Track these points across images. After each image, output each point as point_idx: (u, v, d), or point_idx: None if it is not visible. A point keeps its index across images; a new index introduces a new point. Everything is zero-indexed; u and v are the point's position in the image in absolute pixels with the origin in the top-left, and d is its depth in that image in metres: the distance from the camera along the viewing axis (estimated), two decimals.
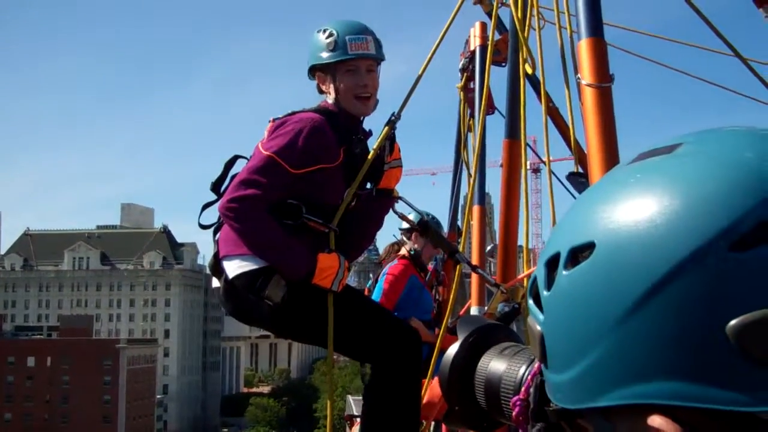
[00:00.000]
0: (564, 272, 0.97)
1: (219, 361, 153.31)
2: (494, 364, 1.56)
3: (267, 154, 3.64)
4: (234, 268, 3.68)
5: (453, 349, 1.68)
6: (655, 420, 0.89)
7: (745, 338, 0.83)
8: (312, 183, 3.72)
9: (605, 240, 0.94)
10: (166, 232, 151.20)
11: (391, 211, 4.33)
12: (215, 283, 3.85)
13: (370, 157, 3.93)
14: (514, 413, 1.43)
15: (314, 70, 3.98)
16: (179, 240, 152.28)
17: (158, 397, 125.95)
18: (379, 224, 4.20)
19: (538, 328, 1.03)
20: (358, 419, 4.86)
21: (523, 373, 1.46)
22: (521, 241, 5.17)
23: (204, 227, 3.96)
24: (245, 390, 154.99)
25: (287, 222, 3.68)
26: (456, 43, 6.04)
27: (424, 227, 4.74)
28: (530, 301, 1.05)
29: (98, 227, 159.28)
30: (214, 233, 3.91)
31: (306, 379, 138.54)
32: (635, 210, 0.93)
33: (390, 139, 4.07)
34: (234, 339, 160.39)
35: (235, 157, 3.94)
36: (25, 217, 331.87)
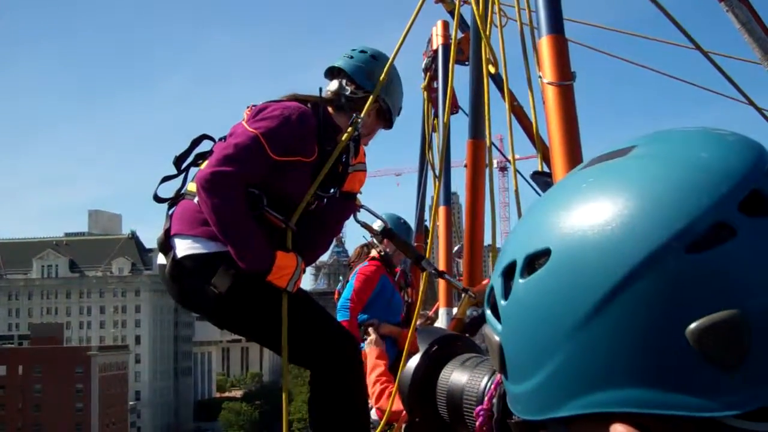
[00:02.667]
0: (520, 280, 0.95)
1: (191, 366, 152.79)
2: (456, 376, 1.55)
3: (254, 133, 3.59)
4: (185, 247, 3.59)
5: (413, 362, 1.66)
6: (617, 428, 0.87)
7: (706, 341, 0.81)
8: (282, 173, 3.67)
9: (561, 246, 0.92)
10: (134, 238, 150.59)
11: (353, 219, 4.30)
12: (161, 259, 3.74)
13: (333, 155, 3.90)
14: (477, 423, 1.42)
15: (339, 72, 4.14)
16: (148, 246, 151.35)
17: (131, 403, 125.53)
18: (337, 229, 4.16)
19: (496, 338, 1.01)
20: None
21: (486, 384, 1.44)
22: (488, 240, 5.17)
23: (160, 200, 3.86)
24: (218, 395, 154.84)
25: (256, 229, 3.61)
26: (418, 42, 6.03)
27: (389, 235, 4.70)
28: (487, 311, 1.03)
29: (66, 234, 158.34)
30: (169, 208, 3.82)
31: (278, 383, 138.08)
32: (590, 214, 0.91)
33: (355, 142, 4.04)
34: (205, 344, 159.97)
35: (203, 136, 3.88)
36: None
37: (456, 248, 7.24)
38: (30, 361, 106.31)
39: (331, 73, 4.21)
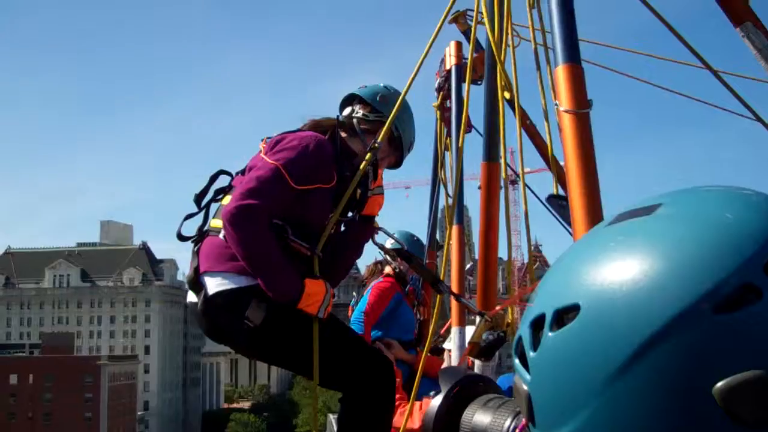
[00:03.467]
0: (550, 333, 0.98)
1: (199, 377, 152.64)
2: (479, 417, 1.56)
3: (274, 165, 3.62)
4: (215, 284, 3.61)
5: (436, 402, 1.68)
6: None
7: (733, 400, 0.83)
8: (304, 202, 3.70)
9: (590, 302, 0.94)
10: (145, 248, 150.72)
11: (371, 242, 4.33)
12: (191, 297, 3.76)
13: (354, 180, 3.94)
14: None
15: (357, 101, 4.24)
16: (158, 256, 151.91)
17: (139, 413, 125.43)
18: (359, 252, 4.19)
19: (525, 387, 1.02)
20: None
21: (509, 426, 1.45)
22: (501, 254, 5.18)
23: (183, 238, 3.88)
24: (226, 406, 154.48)
25: (283, 258, 3.63)
26: (430, 60, 6.08)
27: (407, 258, 4.70)
28: (516, 361, 1.05)
29: (78, 245, 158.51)
30: (194, 245, 3.84)
31: (286, 395, 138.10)
32: (619, 272, 0.94)
33: (373, 166, 4.08)
34: (214, 354, 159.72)
35: (220, 172, 3.93)
36: (6, 236, 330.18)
37: (468, 266, 7.25)
38: (41, 370, 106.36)
39: (346, 102, 4.29)
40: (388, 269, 6.57)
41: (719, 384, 0.84)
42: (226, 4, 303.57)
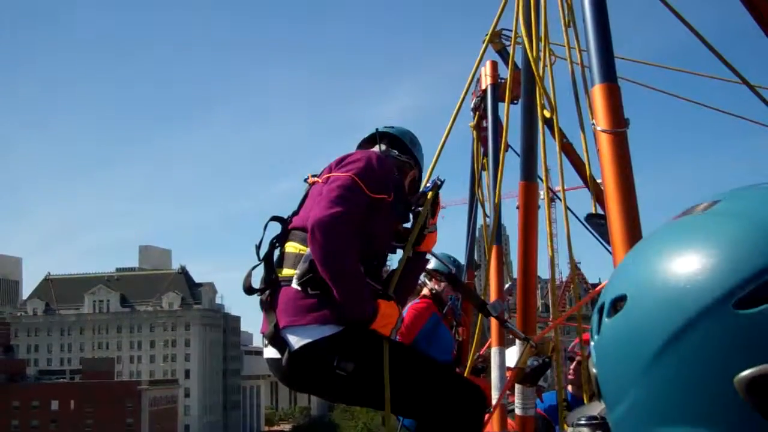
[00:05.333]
0: (606, 320, 1.07)
1: (240, 400, 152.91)
2: None
3: (348, 176, 3.66)
4: (300, 338, 3.59)
5: None
6: None
7: (752, 390, 0.87)
8: (372, 213, 3.71)
9: (634, 293, 1.02)
10: (183, 272, 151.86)
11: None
12: (270, 353, 3.73)
13: (420, 217, 4.04)
14: None
15: (395, 141, 4.24)
16: (197, 280, 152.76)
17: None
18: (413, 286, 4.24)
19: (594, 369, 1.12)
20: None
21: None
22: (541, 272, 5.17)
23: (252, 292, 3.84)
24: (266, 428, 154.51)
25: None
26: (462, 77, 6.09)
27: (454, 282, 4.70)
28: (591, 344, 1.14)
29: (117, 270, 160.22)
30: (262, 296, 3.82)
31: (326, 417, 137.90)
32: (661, 266, 1.00)
33: (433, 204, 4.16)
34: (254, 378, 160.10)
35: (272, 218, 3.93)
36: (46, 262, 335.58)
37: (507, 285, 7.23)
38: (82, 396, 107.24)
39: (371, 139, 4.31)
40: (425, 290, 6.60)
41: (741, 374, 0.88)
42: (259, 22, 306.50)
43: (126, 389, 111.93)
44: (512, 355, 5.69)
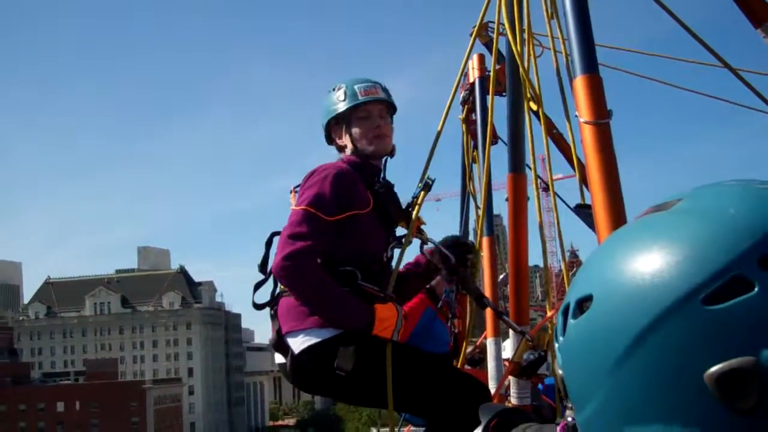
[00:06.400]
0: (572, 321, 1.07)
1: (243, 397, 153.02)
2: None
3: (301, 208, 3.66)
4: (300, 342, 3.65)
5: None
6: None
7: (722, 386, 0.88)
8: (350, 233, 3.74)
9: (600, 293, 1.02)
10: (183, 272, 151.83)
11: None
12: (279, 359, 3.81)
13: (411, 224, 4.05)
14: None
15: (329, 128, 4.07)
16: (196, 279, 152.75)
17: None
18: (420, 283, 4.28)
19: (560, 370, 1.13)
20: None
21: None
22: (535, 261, 5.17)
23: (259, 307, 3.92)
24: (271, 423, 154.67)
25: (345, 289, 3.69)
26: (453, 71, 6.10)
27: (453, 271, 4.71)
28: (555, 345, 1.14)
29: (117, 271, 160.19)
30: (271, 309, 3.89)
31: (330, 410, 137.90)
32: (626, 265, 1.01)
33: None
34: (256, 374, 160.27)
35: (273, 235, 3.92)
36: (45, 266, 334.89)
37: (501, 277, 7.24)
38: (86, 397, 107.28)
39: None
40: None
41: (710, 370, 0.89)
42: (246, 18, 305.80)
43: (130, 389, 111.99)
44: (508, 345, 5.72)
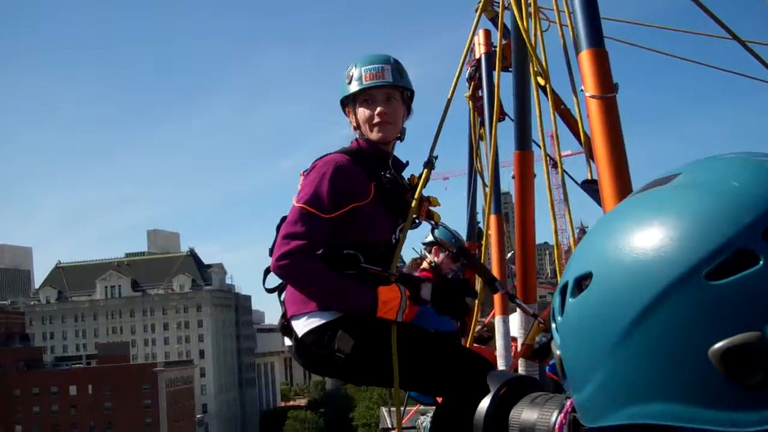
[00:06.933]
0: (570, 300, 1.04)
1: (254, 378, 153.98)
2: (526, 414, 1.59)
3: (299, 206, 3.67)
4: (302, 326, 3.69)
5: (485, 403, 1.71)
6: None
7: (728, 362, 0.86)
8: (353, 224, 3.72)
9: (600, 270, 1.00)
10: (192, 254, 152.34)
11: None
12: (287, 342, 3.87)
13: (413, 205, 3.99)
14: None
15: (343, 107, 4.04)
16: (206, 262, 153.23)
17: (198, 416, 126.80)
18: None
19: (557, 351, 1.10)
20: None
21: (555, 420, 1.48)
22: (545, 238, 5.14)
23: (270, 291, 3.98)
24: (282, 404, 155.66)
25: (348, 272, 3.69)
26: (459, 48, 6.07)
27: (464, 254, 4.68)
28: (553, 326, 1.11)
29: (127, 255, 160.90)
30: (279, 294, 3.93)
31: (341, 390, 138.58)
32: (627, 241, 0.98)
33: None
34: (268, 355, 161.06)
35: (283, 219, 3.88)
36: (55, 250, 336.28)
37: (509, 255, 7.24)
38: (99, 380, 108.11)
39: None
40: (424, 263, 6.57)
41: (715, 346, 0.87)
42: (259, 5, 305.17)
43: (142, 372, 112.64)
44: (515, 321, 5.71)
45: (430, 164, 4.11)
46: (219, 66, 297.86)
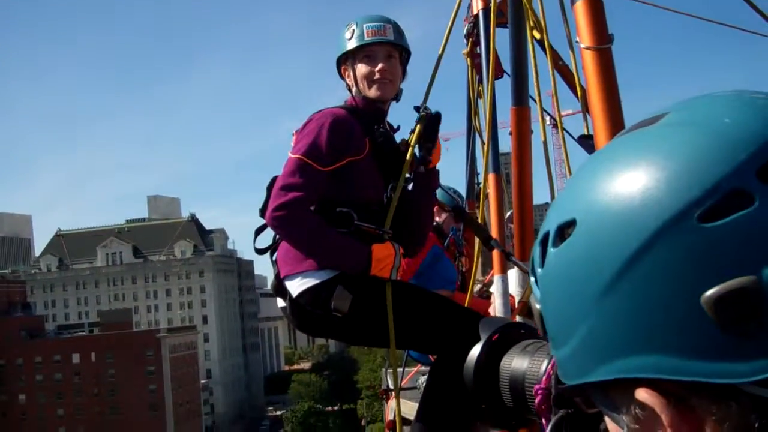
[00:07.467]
0: (552, 249, 0.98)
1: (258, 342, 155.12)
2: (517, 362, 1.57)
3: (296, 157, 3.66)
4: (296, 286, 3.68)
5: (476, 350, 1.68)
6: (641, 393, 0.89)
7: (721, 309, 0.81)
8: (348, 179, 3.73)
9: (584, 216, 0.94)
10: (194, 220, 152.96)
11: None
12: (281, 302, 3.84)
13: (408, 158, 3.97)
14: (536, 402, 1.43)
15: (340, 65, 4.03)
16: (207, 227, 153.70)
17: (203, 381, 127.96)
18: (430, 204, 4.21)
19: (537, 305, 1.04)
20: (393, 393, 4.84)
21: (545, 368, 1.45)
22: (544, 198, 5.11)
23: (260, 252, 3.99)
24: (287, 368, 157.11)
25: (341, 230, 3.69)
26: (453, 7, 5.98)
27: (459, 213, 4.67)
28: (531, 279, 1.05)
29: (127, 221, 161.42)
30: (271, 255, 3.92)
31: (344, 352, 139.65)
32: (613, 184, 0.92)
33: (427, 125, 4.07)
34: (271, 319, 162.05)
35: (274, 179, 3.89)
36: (55, 217, 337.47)
37: (508, 214, 7.20)
38: (102, 348, 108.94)
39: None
40: None
41: (708, 293, 0.82)
42: None
43: (145, 339, 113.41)
44: (512, 278, 5.69)
45: (422, 119, 4.06)
46: (218, 29, 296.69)
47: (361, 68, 3.89)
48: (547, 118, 6.27)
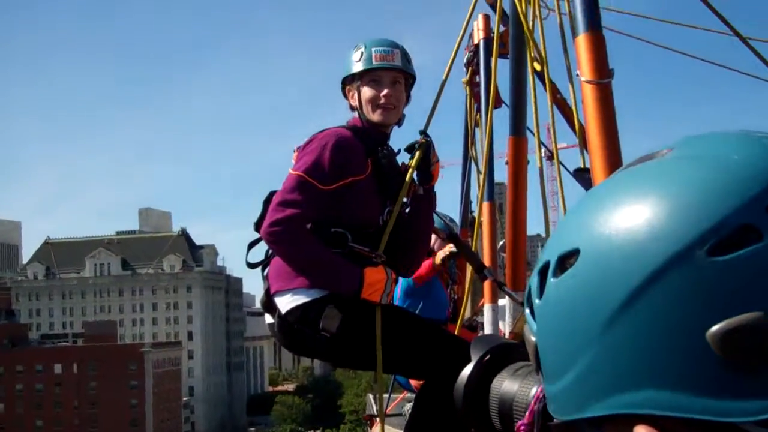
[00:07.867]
0: (552, 280, 0.96)
1: (243, 361, 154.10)
2: (507, 385, 1.56)
3: (297, 174, 3.65)
4: (286, 302, 3.66)
5: (467, 370, 1.67)
6: (640, 430, 0.87)
7: (727, 345, 0.80)
8: (346, 199, 3.71)
9: (588, 247, 0.92)
10: (184, 235, 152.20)
11: None
12: (268, 319, 3.83)
13: (407, 179, 3.95)
14: None
15: (344, 86, 4.02)
16: (198, 242, 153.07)
17: (185, 399, 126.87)
18: (427, 224, 4.18)
19: (532, 338, 1.01)
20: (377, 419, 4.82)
21: (535, 393, 1.44)
22: (537, 230, 5.10)
23: (252, 266, 3.95)
24: (270, 389, 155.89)
25: (335, 251, 3.67)
26: (455, 34, 6.03)
27: (455, 240, 4.66)
28: (526, 311, 1.03)
29: (117, 233, 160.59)
30: (263, 270, 3.91)
31: (329, 376, 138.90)
32: (618, 215, 0.91)
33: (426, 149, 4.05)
34: (257, 339, 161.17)
35: (271, 194, 3.89)
36: (45, 226, 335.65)
37: (501, 243, 7.21)
38: (85, 359, 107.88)
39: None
40: None
41: (714, 328, 0.81)
42: None
43: (129, 352, 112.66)
44: (504, 309, 5.69)
45: (422, 146, 4.06)
46: (216, 45, 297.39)
47: (367, 92, 3.88)
48: (543, 150, 6.29)
